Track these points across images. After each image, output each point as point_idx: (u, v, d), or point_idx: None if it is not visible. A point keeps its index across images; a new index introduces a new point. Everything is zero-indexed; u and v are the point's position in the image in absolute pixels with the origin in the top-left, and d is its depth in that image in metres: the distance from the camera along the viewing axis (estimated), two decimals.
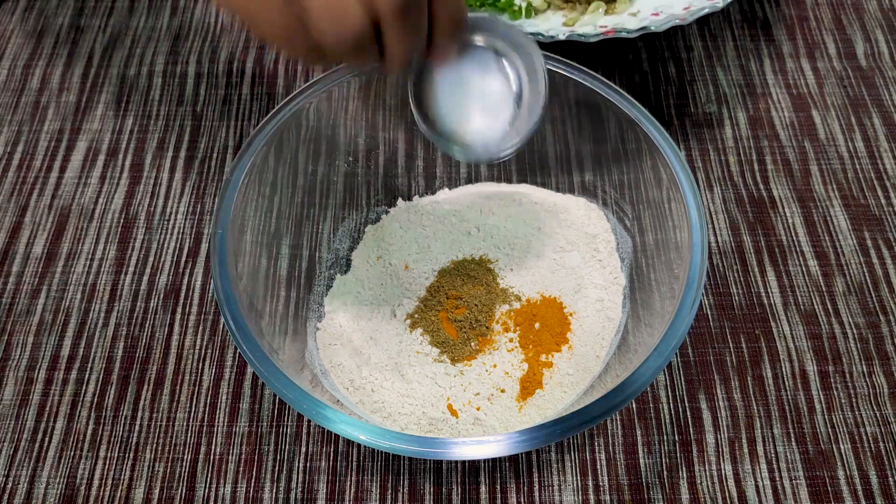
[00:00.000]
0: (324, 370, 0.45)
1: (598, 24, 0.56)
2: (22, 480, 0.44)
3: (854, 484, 0.43)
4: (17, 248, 0.52)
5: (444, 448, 0.35)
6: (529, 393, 0.44)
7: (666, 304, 0.41)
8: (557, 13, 0.59)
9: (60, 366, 0.48)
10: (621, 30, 0.52)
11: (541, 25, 0.57)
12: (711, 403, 0.46)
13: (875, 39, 0.62)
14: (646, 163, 0.45)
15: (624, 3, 0.58)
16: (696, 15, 0.53)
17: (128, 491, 0.43)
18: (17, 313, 0.50)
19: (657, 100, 0.59)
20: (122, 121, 0.59)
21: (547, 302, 0.47)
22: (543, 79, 0.40)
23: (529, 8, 0.58)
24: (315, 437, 0.45)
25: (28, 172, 0.56)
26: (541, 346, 0.45)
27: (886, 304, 0.49)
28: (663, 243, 0.44)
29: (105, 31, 0.64)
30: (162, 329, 0.49)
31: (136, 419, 0.46)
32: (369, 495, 0.43)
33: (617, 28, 0.53)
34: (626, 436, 0.45)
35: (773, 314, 0.49)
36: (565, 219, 0.50)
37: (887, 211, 0.53)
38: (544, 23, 0.58)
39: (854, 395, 0.46)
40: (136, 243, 0.52)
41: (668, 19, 0.53)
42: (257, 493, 0.43)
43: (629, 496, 0.43)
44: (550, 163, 0.52)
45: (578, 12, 0.58)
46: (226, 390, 0.47)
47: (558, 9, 0.59)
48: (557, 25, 0.57)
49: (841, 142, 0.57)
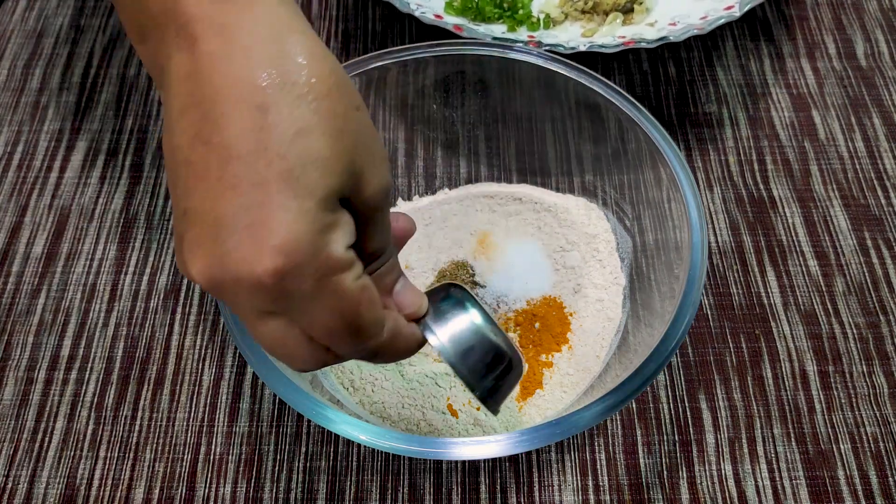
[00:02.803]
0: (323, 370, 0.45)
1: (616, 34, 0.57)
2: (22, 480, 0.44)
3: (854, 484, 0.43)
4: (17, 248, 0.52)
5: (444, 448, 0.35)
6: (529, 393, 0.44)
7: (666, 304, 0.41)
8: (575, 24, 0.59)
9: (60, 366, 0.48)
10: (640, 40, 0.53)
11: (560, 36, 0.58)
12: (711, 403, 0.46)
13: (875, 39, 0.62)
14: (646, 163, 0.45)
15: (641, 13, 0.59)
16: (714, 24, 0.54)
17: (128, 491, 0.43)
18: (17, 313, 0.50)
19: (657, 100, 0.59)
20: (122, 121, 0.59)
21: (547, 302, 0.47)
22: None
23: (548, 19, 0.58)
24: (315, 437, 0.45)
25: (28, 172, 0.56)
26: (541, 346, 0.45)
27: (886, 304, 0.49)
28: (663, 243, 0.44)
29: (105, 31, 0.64)
30: (162, 329, 0.49)
31: (136, 419, 0.46)
32: (369, 495, 0.43)
33: (636, 39, 0.53)
34: (626, 436, 0.45)
35: (773, 314, 0.49)
36: (565, 219, 0.50)
37: (887, 211, 0.53)
38: (563, 34, 0.58)
39: (854, 395, 0.46)
40: (136, 243, 0.52)
41: (686, 29, 0.54)
42: (257, 493, 0.43)
43: (629, 496, 0.43)
44: (550, 163, 0.52)
45: (596, 23, 0.59)
46: (226, 390, 0.47)
47: (576, 20, 0.60)
48: (576, 36, 0.58)
49: (841, 142, 0.57)
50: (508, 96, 0.50)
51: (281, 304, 0.28)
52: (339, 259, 0.28)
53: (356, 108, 0.29)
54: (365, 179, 0.29)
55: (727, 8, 0.55)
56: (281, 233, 0.26)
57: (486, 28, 0.57)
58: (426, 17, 0.54)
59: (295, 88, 0.27)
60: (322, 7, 0.65)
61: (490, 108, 0.51)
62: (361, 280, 0.29)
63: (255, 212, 0.26)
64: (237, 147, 0.27)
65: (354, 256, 0.29)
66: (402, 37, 0.63)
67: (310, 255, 0.27)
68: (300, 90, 0.27)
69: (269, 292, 0.27)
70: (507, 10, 0.59)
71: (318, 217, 0.27)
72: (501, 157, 0.53)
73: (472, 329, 0.35)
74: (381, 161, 0.29)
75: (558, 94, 0.48)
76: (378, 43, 0.63)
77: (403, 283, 0.34)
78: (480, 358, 0.35)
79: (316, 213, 0.27)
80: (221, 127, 0.27)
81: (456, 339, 0.34)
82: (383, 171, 0.30)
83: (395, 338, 0.32)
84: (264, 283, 0.27)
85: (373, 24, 0.64)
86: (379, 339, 0.31)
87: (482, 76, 0.50)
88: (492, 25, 0.58)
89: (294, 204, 0.26)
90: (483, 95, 0.51)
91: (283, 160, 0.26)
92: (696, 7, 0.57)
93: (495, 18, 0.58)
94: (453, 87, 0.50)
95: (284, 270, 0.27)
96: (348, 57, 0.62)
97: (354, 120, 0.28)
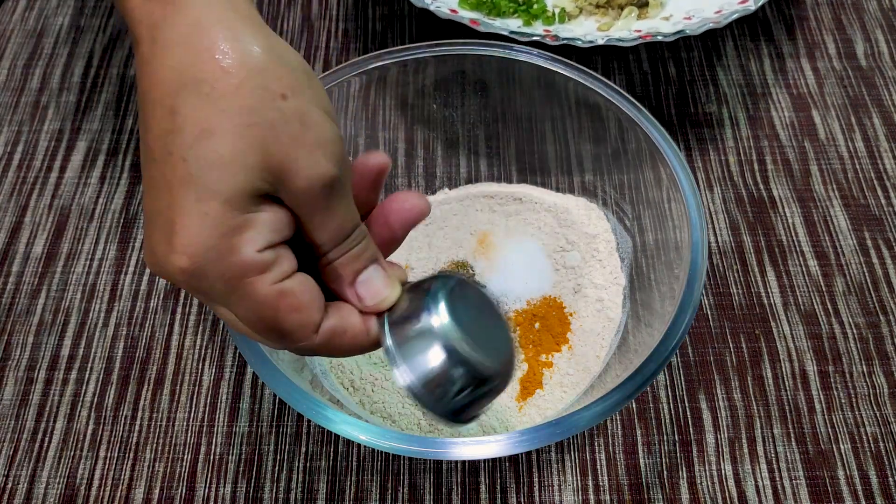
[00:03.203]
0: (324, 370, 0.45)
1: (631, 28, 0.57)
2: (22, 480, 0.44)
3: (854, 484, 0.43)
4: (17, 248, 0.52)
5: (444, 448, 0.35)
6: (529, 393, 0.44)
7: (666, 304, 0.41)
8: (590, 18, 0.60)
9: (60, 366, 0.48)
10: (657, 34, 0.53)
11: (576, 31, 0.58)
12: (711, 403, 0.46)
13: (875, 39, 0.62)
14: (646, 163, 0.45)
15: (656, 7, 0.59)
16: (730, 18, 0.54)
17: (128, 491, 0.43)
18: (17, 313, 0.50)
19: (657, 100, 0.59)
20: (122, 121, 0.59)
21: (547, 302, 0.47)
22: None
23: (563, 14, 0.59)
24: (315, 437, 0.45)
25: (28, 172, 0.56)
26: (541, 346, 0.45)
27: (886, 304, 0.49)
28: (663, 243, 0.44)
29: (105, 31, 0.64)
30: (162, 329, 0.49)
31: (136, 419, 0.46)
32: (369, 495, 0.43)
33: (653, 32, 0.53)
34: (626, 436, 0.45)
35: (773, 314, 0.49)
36: (565, 219, 0.50)
37: (887, 211, 0.53)
38: (579, 28, 0.59)
39: (854, 395, 0.46)
40: (136, 243, 0.52)
41: (703, 23, 0.54)
42: (257, 493, 0.43)
43: (629, 496, 0.43)
44: (550, 163, 0.52)
45: (611, 18, 0.59)
46: (226, 390, 0.47)
47: (590, 14, 0.60)
48: (592, 31, 0.58)
49: (841, 142, 0.57)
50: (508, 96, 0.50)
51: (205, 298, 0.28)
52: (248, 262, 0.27)
53: (280, 96, 0.27)
54: (291, 172, 0.27)
55: (742, 2, 0.55)
56: (183, 236, 0.27)
57: (502, 22, 0.57)
58: (441, 11, 0.54)
59: (201, 87, 0.27)
60: (322, 7, 0.65)
61: (490, 108, 0.51)
62: (281, 285, 0.28)
63: (166, 213, 0.27)
64: (153, 151, 0.27)
65: (272, 258, 0.28)
66: (402, 37, 0.63)
67: (213, 259, 0.27)
68: (206, 89, 0.26)
69: (190, 288, 0.28)
70: (521, 4, 0.59)
71: (223, 219, 0.26)
72: (501, 157, 0.53)
73: (434, 334, 0.29)
74: (314, 149, 0.28)
75: (558, 94, 0.48)
76: (378, 43, 0.63)
77: (371, 273, 0.31)
78: (437, 370, 0.29)
79: (219, 215, 0.26)
80: (146, 130, 0.28)
81: (409, 346, 0.29)
82: (317, 159, 0.28)
83: (337, 337, 0.30)
84: (180, 280, 0.27)
85: (373, 24, 0.64)
86: (308, 342, 0.29)
87: (482, 76, 0.49)
88: (507, 20, 0.58)
89: (195, 207, 0.26)
90: (483, 95, 0.51)
91: (184, 163, 0.26)
92: (710, 1, 0.57)
93: (510, 13, 0.58)
94: (453, 87, 0.50)
95: (190, 271, 0.27)
96: (348, 57, 0.62)
97: (273, 110, 0.27)
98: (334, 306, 0.30)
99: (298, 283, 0.29)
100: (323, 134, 0.28)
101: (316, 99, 0.29)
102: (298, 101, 0.28)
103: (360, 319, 0.31)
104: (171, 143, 0.27)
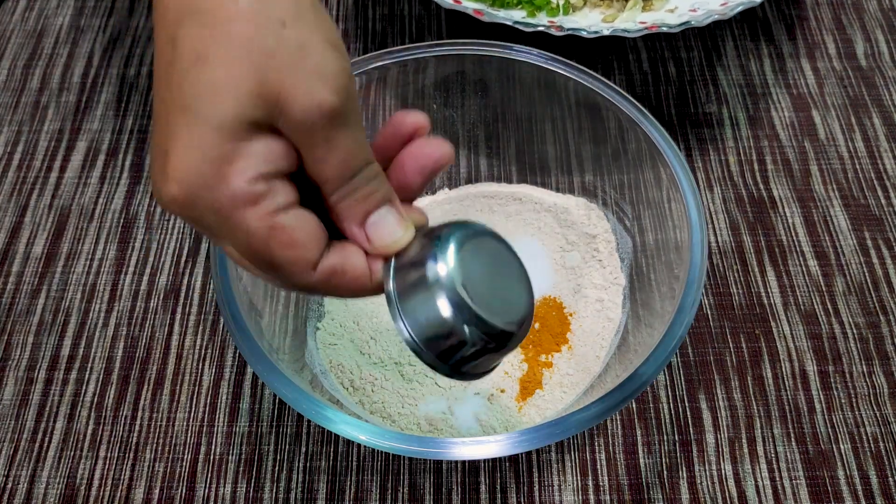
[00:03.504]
0: (324, 370, 0.45)
1: (636, 20, 0.57)
2: (22, 480, 0.44)
3: (854, 484, 0.43)
4: (17, 248, 0.52)
5: (444, 448, 0.35)
6: (529, 393, 0.44)
7: (666, 304, 0.41)
8: (595, 10, 0.59)
9: (60, 366, 0.48)
10: (663, 25, 0.53)
11: (581, 22, 0.58)
12: (711, 403, 0.46)
13: (875, 39, 0.62)
14: (646, 163, 0.45)
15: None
16: (735, 10, 0.53)
17: (128, 491, 0.43)
18: (17, 313, 0.50)
19: (657, 100, 0.59)
20: (122, 121, 0.59)
21: (547, 302, 0.47)
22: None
23: (567, 5, 0.58)
24: (315, 437, 0.45)
25: (28, 172, 0.56)
26: (540, 346, 0.45)
27: (886, 304, 0.49)
28: (663, 243, 0.44)
29: (105, 31, 0.64)
30: (162, 329, 0.49)
31: (136, 419, 0.46)
32: (369, 495, 0.43)
33: (658, 24, 0.53)
34: (626, 436, 0.45)
35: (773, 314, 0.49)
36: (565, 219, 0.50)
37: (887, 211, 0.53)
38: (583, 19, 0.58)
39: (854, 395, 0.46)
40: (136, 243, 0.52)
41: (708, 14, 0.53)
42: (257, 493, 0.43)
43: (629, 496, 0.43)
44: (550, 163, 0.52)
45: (616, 9, 0.59)
46: (226, 390, 0.47)
47: (595, 6, 0.60)
48: (597, 22, 0.58)
49: (841, 142, 0.57)
50: (508, 96, 0.50)
51: (202, 229, 0.28)
52: (238, 192, 0.26)
53: (280, 23, 0.27)
54: (287, 100, 0.26)
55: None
56: (174, 162, 0.26)
57: (506, 13, 0.56)
58: (446, 2, 0.54)
59: (202, 16, 0.26)
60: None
61: (490, 108, 0.51)
62: (273, 219, 0.27)
63: (163, 142, 0.27)
64: (157, 80, 0.28)
65: (264, 190, 0.27)
66: (402, 37, 0.63)
67: (203, 187, 0.26)
68: (206, 18, 0.26)
69: (186, 218, 0.28)
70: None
71: (213, 147, 0.26)
72: (501, 157, 0.53)
73: (436, 282, 0.27)
74: (313, 77, 0.27)
75: (558, 94, 0.48)
76: (378, 43, 0.63)
77: (383, 214, 0.30)
78: (435, 322, 0.28)
79: (210, 142, 0.26)
80: (155, 64, 0.28)
81: (410, 293, 0.28)
82: (315, 87, 0.27)
83: (337, 277, 0.29)
84: (175, 210, 0.27)
85: (373, 24, 0.64)
86: (304, 279, 0.28)
87: (482, 76, 0.49)
88: (511, 11, 0.58)
89: (186, 134, 0.26)
90: (483, 95, 0.51)
91: (180, 90, 0.26)
92: None
93: (514, 4, 0.58)
94: (453, 87, 0.50)
95: (181, 200, 0.27)
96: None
97: (271, 37, 0.26)
98: (338, 245, 0.29)
99: (294, 219, 0.28)
100: (323, 63, 0.27)
101: (321, 29, 0.28)
102: (299, 30, 0.27)
103: (363, 261, 0.30)
104: (171, 71, 0.27)
